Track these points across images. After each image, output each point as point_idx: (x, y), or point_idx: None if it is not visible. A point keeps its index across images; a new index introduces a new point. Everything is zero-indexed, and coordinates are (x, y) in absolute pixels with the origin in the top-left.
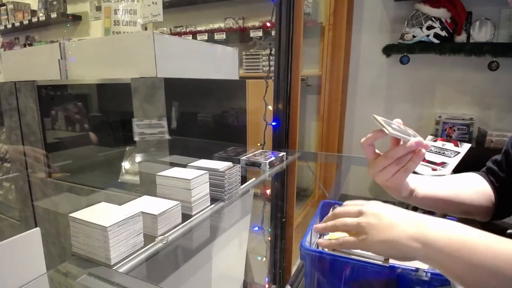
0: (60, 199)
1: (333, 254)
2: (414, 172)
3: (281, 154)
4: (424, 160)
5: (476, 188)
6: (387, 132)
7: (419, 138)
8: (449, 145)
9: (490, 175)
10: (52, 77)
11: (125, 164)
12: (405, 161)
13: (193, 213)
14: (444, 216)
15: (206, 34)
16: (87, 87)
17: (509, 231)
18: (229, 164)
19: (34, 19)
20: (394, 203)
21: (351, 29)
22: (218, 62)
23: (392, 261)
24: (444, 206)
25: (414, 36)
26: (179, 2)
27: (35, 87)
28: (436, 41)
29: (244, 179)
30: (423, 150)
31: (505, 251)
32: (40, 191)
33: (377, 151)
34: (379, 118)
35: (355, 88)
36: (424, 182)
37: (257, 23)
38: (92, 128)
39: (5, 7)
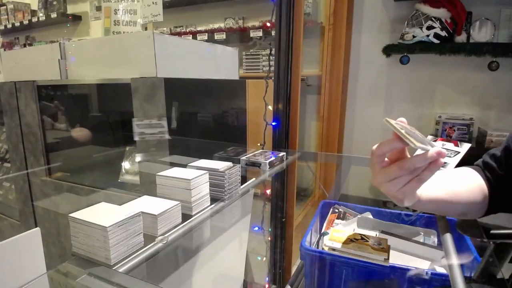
0: (60, 199)
1: (333, 254)
2: None
3: (281, 154)
4: None
5: (472, 184)
6: (412, 145)
7: (438, 148)
8: (449, 145)
9: (487, 171)
10: (52, 77)
11: (125, 164)
12: (420, 170)
13: (193, 213)
14: (443, 217)
15: (206, 34)
16: (87, 87)
17: (492, 231)
18: (229, 164)
19: (34, 19)
20: (395, 205)
21: (351, 29)
22: (218, 62)
23: (392, 261)
24: (444, 208)
25: (414, 36)
26: (179, 2)
27: (35, 87)
28: (436, 41)
29: (244, 179)
30: (441, 159)
31: None
32: (40, 191)
33: (386, 159)
34: (396, 125)
35: (355, 88)
36: (426, 185)
37: (257, 23)
38: (92, 128)
39: (5, 7)
